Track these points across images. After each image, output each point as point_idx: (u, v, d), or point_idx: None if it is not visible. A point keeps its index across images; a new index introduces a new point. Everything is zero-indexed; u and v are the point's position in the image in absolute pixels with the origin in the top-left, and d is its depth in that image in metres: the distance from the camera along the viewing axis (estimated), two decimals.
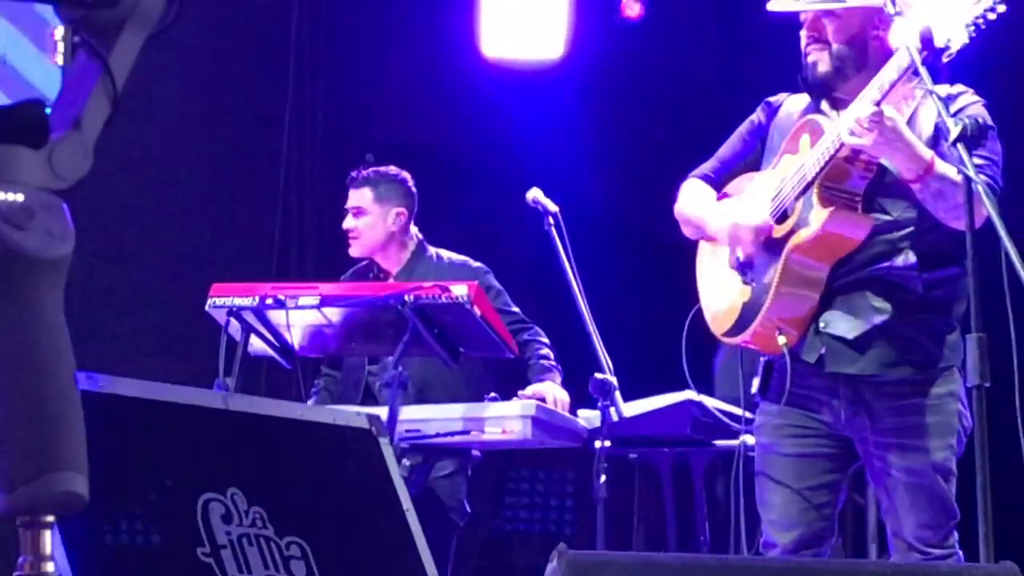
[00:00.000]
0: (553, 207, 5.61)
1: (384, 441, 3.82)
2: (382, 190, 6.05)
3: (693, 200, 4.63)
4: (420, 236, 6.12)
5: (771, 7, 4.48)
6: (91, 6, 1.50)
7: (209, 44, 8.01)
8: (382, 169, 6.11)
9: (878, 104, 4.12)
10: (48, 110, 1.53)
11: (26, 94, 4.58)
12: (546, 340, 5.99)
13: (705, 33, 8.18)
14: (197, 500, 3.40)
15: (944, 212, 4.17)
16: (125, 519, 3.32)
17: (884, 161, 4.23)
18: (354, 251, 6.07)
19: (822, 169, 4.25)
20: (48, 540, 1.54)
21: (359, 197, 6.06)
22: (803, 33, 4.42)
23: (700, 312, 4.57)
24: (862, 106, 4.14)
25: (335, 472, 3.78)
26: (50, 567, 1.52)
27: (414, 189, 6.11)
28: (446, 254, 6.13)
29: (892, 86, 4.12)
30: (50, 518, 1.54)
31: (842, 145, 4.20)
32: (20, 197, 1.49)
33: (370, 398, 5.93)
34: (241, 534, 3.44)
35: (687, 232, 4.66)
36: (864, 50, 4.34)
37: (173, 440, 3.49)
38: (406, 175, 6.13)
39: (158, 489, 3.39)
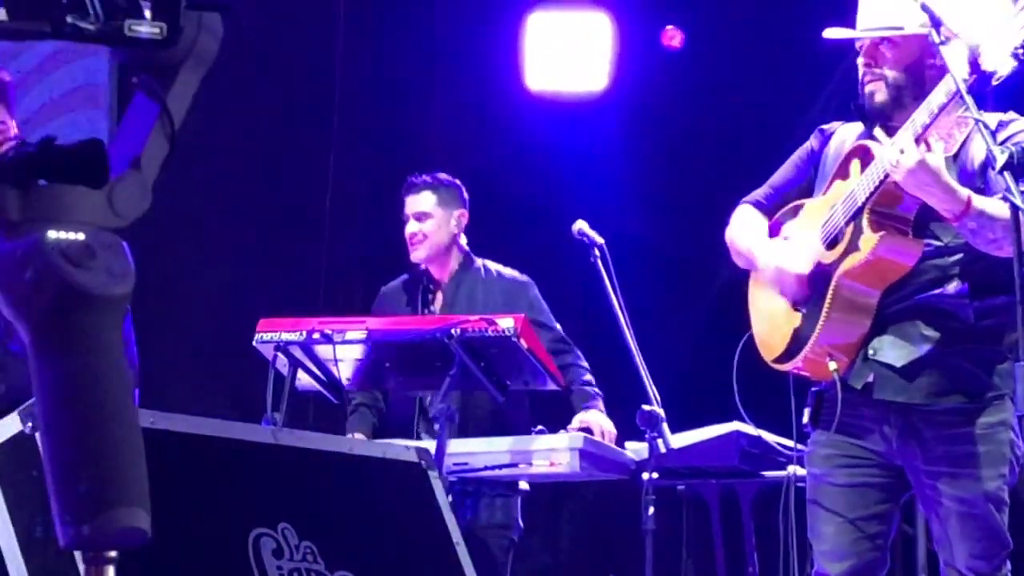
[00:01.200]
0: (599, 239, 5.62)
1: (433, 475, 3.82)
2: (443, 194, 6.08)
3: (745, 231, 4.61)
4: (467, 247, 6.15)
5: (827, 35, 4.46)
6: (149, 46, 1.52)
7: (254, 76, 8.04)
8: (439, 175, 6.15)
9: (926, 129, 4.11)
10: (107, 149, 1.55)
11: None
12: (586, 364, 5.99)
13: (746, 62, 8.17)
14: (248, 535, 3.40)
15: (984, 245, 4.15)
16: (178, 555, 3.32)
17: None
18: (419, 254, 6.07)
19: (872, 194, 4.23)
20: (111, 575, 1.55)
21: (421, 201, 6.08)
22: (860, 61, 4.40)
23: (751, 340, 4.56)
24: (906, 136, 4.12)
25: (385, 506, 3.78)
26: None
27: (467, 196, 6.15)
28: (493, 266, 6.15)
29: (941, 110, 4.10)
30: (113, 553, 1.56)
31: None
32: (81, 236, 1.51)
33: (414, 431, 5.92)
34: (292, 569, 3.44)
35: (738, 262, 4.65)
36: (921, 78, 4.30)
37: (223, 475, 3.49)
38: (459, 182, 6.18)
39: (209, 525, 3.40)
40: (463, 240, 6.14)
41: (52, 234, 1.51)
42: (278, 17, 8.09)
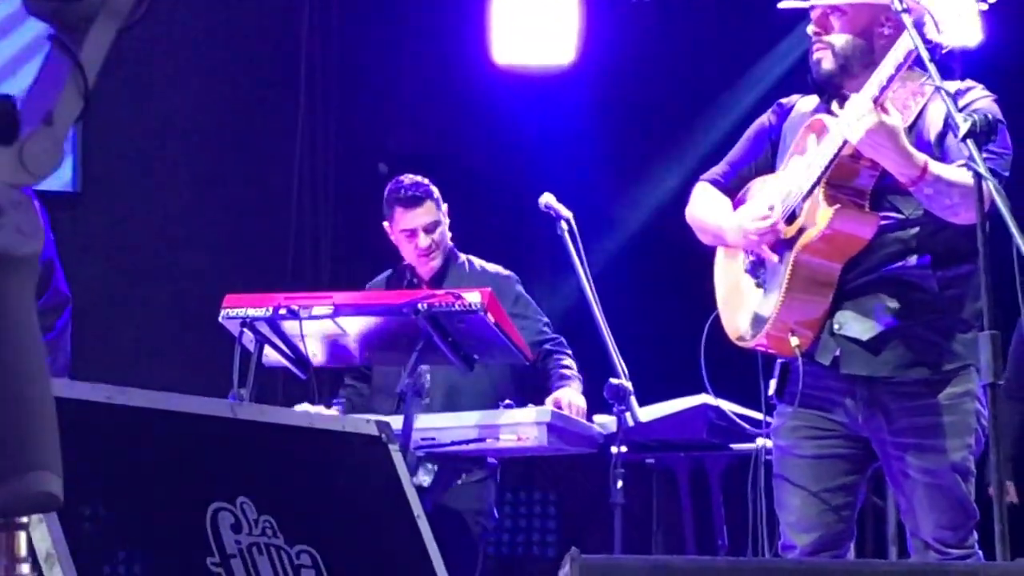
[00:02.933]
0: (566, 212, 5.60)
1: (394, 448, 3.80)
2: (436, 198, 6.05)
3: (707, 207, 4.61)
4: (451, 243, 6.12)
5: (781, 5, 4.47)
6: (61, 0, 1.49)
7: (220, 55, 8.02)
8: (421, 181, 6.08)
9: (876, 100, 4.10)
10: (18, 105, 1.52)
11: None
12: (569, 351, 5.98)
13: (719, 37, 8.16)
14: (206, 509, 3.38)
15: (940, 211, 4.16)
16: (135, 529, 3.31)
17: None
18: (435, 263, 6.03)
19: (827, 168, 4.23)
20: (23, 542, 1.53)
21: (428, 212, 6.01)
22: (810, 29, 4.39)
23: (718, 317, 4.56)
24: (860, 102, 4.12)
25: (345, 480, 3.76)
26: (25, 569, 1.50)
27: None
28: (478, 262, 6.12)
29: (890, 81, 4.10)
30: (24, 520, 1.53)
31: (845, 143, 4.18)
32: None
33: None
34: (251, 543, 3.42)
35: (703, 239, 4.65)
36: (870, 47, 4.30)
37: (181, 450, 3.47)
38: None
39: (167, 499, 3.38)
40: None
41: None
42: None
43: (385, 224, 6.10)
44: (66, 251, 5.24)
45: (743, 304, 4.46)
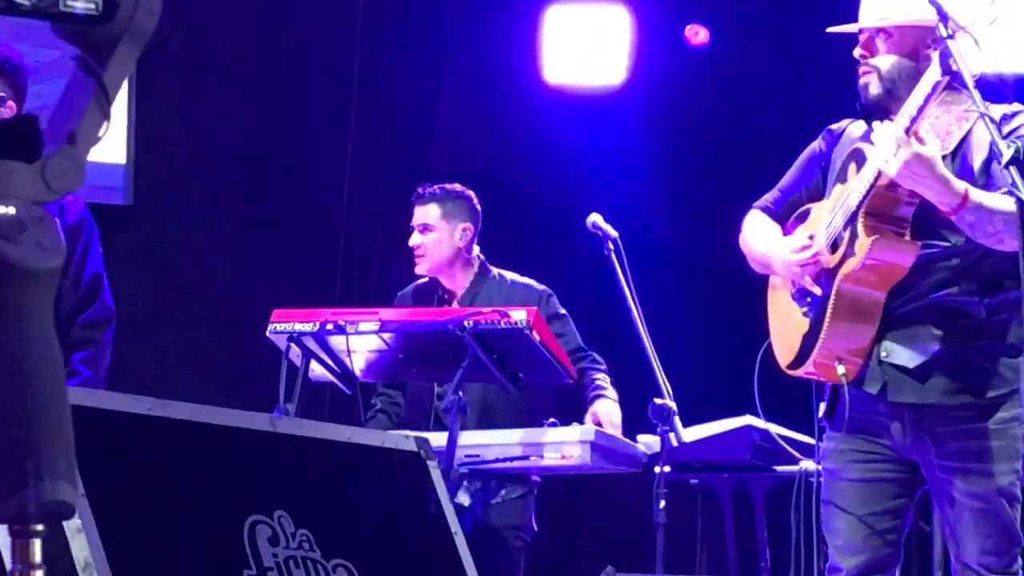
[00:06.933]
0: (613, 232, 5.61)
1: (432, 464, 3.82)
2: (448, 206, 6.05)
3: (757, 236, 4.61)
4: (482, 257, 6.13)
5: (830, 30, 4.47)
6: (85, 22, 1.52)
7: (269, 72, 8.07)
8: (447, 186, 6.12)
9: (914, 121, 4.09)
10: (42, 124, 1.56)
11: None
12: (603, 367, 5.98)
13: (771, 60, 8.15)
14: (244, 522, 3.41)
15: (983, 239, 4.13)
16: (172, 541, 3.34)
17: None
18: (421, 268, 6.07)
19: (864, 198, 4.22)
20: (38, 549, 1.56)
21: (425, 214, 6.06)
22: (857, 53, 4.39)
23: (770, 346, 4.58)
24: (891, 133, 4.10)
25: (383, 494, 3.78)
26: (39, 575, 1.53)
27: (479, 207, 6.12)
28: (509, 275, 6.13)
29: (920, 111, 4.09)
30: (39, 527, 1.56)
31: (880, 173, 4.17)
32: (12, 210, 1.52)
33: (439, 425, 5.93)
34: (288, 556, 3.44)
35: (755, 267, 4.65)
36: (918, 68, 4.26)
37: (220, 462, 3.50)
38: (471, 193, 6.14)
39: (205, 511, 3.41)
40: (475, 251, 6.11)
41: None
42: (297, 12, 8.12)
43: None
44: (115, 264, 5.29)
45: (791, 333, 4.46)
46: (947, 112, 4.21)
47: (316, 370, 5.39)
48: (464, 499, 5.47)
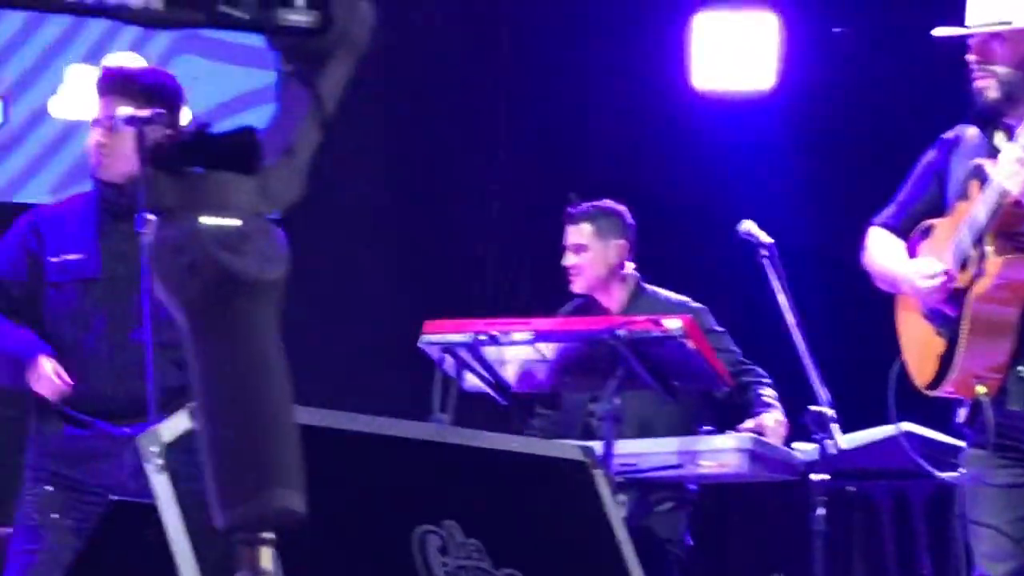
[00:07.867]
0: (767, 239, 5.57)
1: (598, 473, 3.81)
2: (601, 224, 6.03)
3: (881, 254, 4.58)
4: (637, 274, 6.09)
5: (936, 32, 4.40)
6: (302, 35, 1.55)
7: (418, 83, 8.12)
8: (599, 203, 6.10)
9: None
10: (260, 137, 1.58)
11: None
12: (768, 380, 5.91)
13: (918, 60, 8.05)
14: (413, 532, 3.42)
15: None
16: (343, 553, 3.36)
17: None
18: (577, 287, 6.06)
19: (991, 219, 4.17)
20: (267, 556, 1.58)
21: (578, 233, 6.04)
22: (970, 58, 4.31)
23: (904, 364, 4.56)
24: (1015, 151, 4.05)
25: (550, 504, 3.78)
26: None
27: (631, 221, 6.09)
28: (664, 293, 6.09)
29: None
30: (269, 535, 1.58)
31: (1005, 192, 4.11)
32: (236, 222, 1.54)
33: (589, 437, 5.92)
34: (458, 566, 3.45)
35: (880, 286, 4.64)
36: None
37: (388, 473, 3.52)
38: (623, 208, 6.11)
39: (373, 522, 3.43)
40: (629, 267, 6.08)
41: (207, 220, 1.55)
42: (446, 21, 8.16)
43: None
44: None
45: (926, 351, 4.44)
46: None
47: (470, 381, 5.40)
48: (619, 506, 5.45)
